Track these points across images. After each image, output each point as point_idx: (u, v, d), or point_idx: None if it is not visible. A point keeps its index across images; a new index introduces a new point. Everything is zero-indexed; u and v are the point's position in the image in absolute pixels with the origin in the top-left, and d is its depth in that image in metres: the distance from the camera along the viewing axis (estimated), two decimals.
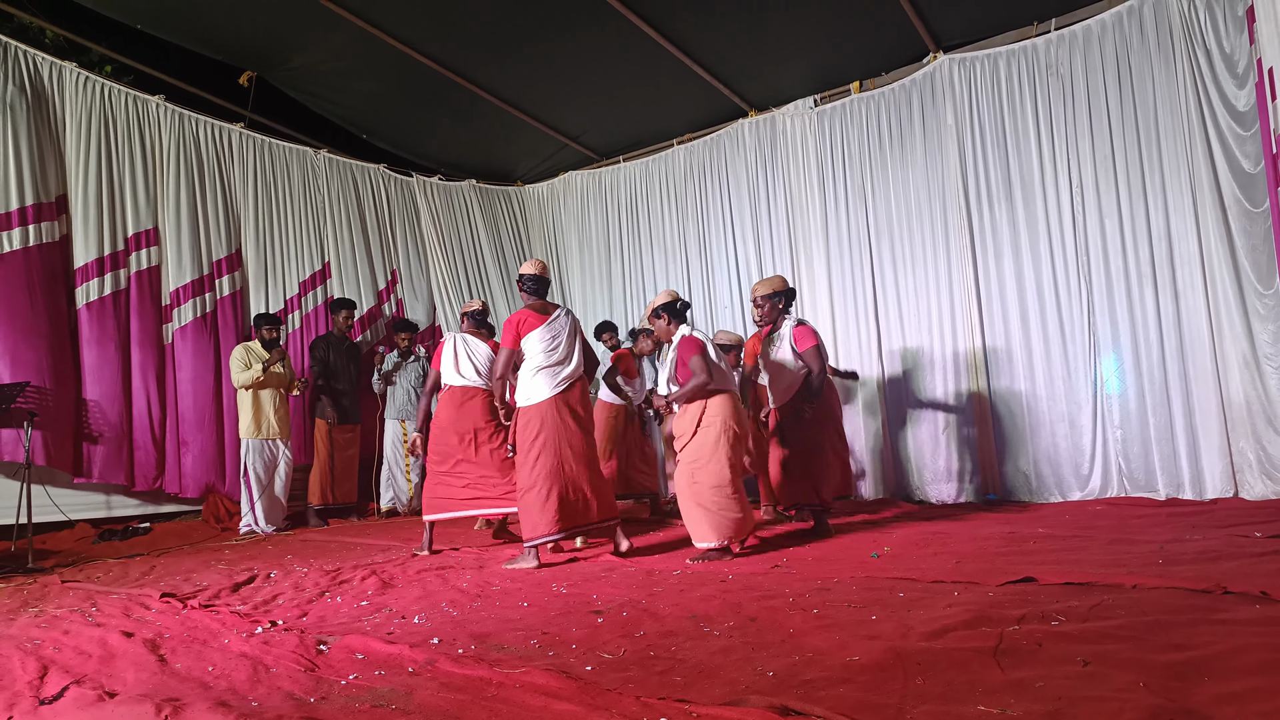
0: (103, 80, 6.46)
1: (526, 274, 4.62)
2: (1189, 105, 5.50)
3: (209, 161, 6.97)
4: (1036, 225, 6.08)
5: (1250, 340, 5.26)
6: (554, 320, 4.46)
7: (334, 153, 7.96)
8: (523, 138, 8.39)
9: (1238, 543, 3.74)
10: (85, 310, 6.10)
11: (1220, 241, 5.35)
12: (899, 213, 6.72)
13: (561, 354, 4.43)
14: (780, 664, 2.26)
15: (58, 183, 6.13)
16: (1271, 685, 1.82)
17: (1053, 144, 6.04)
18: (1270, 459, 5.16)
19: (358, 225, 7.98)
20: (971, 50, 6.42)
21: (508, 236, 9.08)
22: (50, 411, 5.72)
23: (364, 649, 2.63)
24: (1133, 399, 5.72)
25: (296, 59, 6.97)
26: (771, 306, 4.96)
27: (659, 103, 7.65)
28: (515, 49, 6.77)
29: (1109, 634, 2.33)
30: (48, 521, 5.72)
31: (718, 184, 7.87)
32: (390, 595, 3.66)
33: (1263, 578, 2.89)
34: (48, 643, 2.90)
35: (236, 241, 7.12)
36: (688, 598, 3.21)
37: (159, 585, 4.03)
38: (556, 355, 4.42)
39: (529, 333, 4.43)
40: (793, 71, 7.07)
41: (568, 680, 2.16)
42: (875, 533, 4.82)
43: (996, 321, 6.24)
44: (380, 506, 7.13)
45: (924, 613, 2.73)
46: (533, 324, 4.44)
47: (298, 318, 7.42)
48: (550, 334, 4.43)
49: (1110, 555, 3.64)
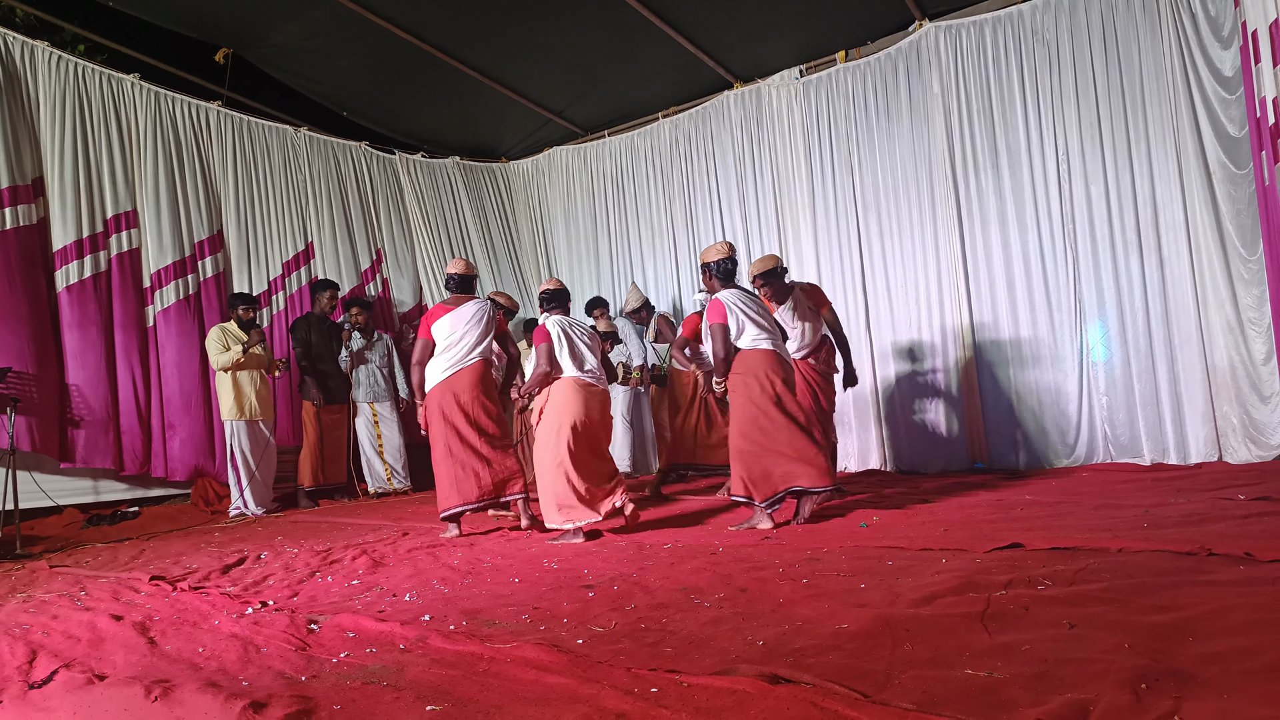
0: (76, 59, 6.34)
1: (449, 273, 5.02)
2: (1174, 69, 5.48)
3: (187, 141, 6.87)
4: (1023, 193, 6.07)
5: (1235, 305, 5.28)
6: (457, 312, 4.78)
7: (314, 131, 7.85)
8: (506, 114, 8.30)
9: (1222, 506, 3.78)
10: (66, 293, 6.03)
11: (1205, 206, 5.36)
12: (885, 183, 6.70)
13: (454, 341, 4.74)
14: (770, 633, 2.27)
15: (34, 165, 6.03)
16: (1255, 644, 1.84)
17: (1039, 111, 6.02)
18: (1254, 423, 5.21)
19: (340, 204, 7.89)
20: (957, 18, 6.37)
21: (493, 214, 9.01)
22: (33, 396, 5.66)
23: (355, 627, 2.63)
24: (1118, 366, 5.75)
25: (274, 36, 6.85)
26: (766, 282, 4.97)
27: (643, 76, 7.58)
28: (496, 23, 6.67)
29: (1094, 597, 2.35)
30: (35, 507, 5.68)
31: (703, 157, 7.82)
32: (381, 574, 3.66)
33: (1246, 539, 2.92)
34: (36, 627, 2.88)
35: (218, 222, 7.03)
36: (678, 570, 3.23)
37: (148, 568, 4.02)
38: (451, 341, 4.74)
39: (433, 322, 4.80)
40: (777, 42, 7.00)
41: (559, 654, 2.17)
42: (863, 504, 4.84)
43: (983, 290, 6.24)
44: (369, 488, 7.12)
45: (912, 580, 2.75)
46: (437, 315, 4.82)
47: (282, 299, 7.35)
48: (450, 325, 4.76)
49: (1096, 520, 3.67)
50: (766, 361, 4.30)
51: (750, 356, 4.32)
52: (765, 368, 4.29)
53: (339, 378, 6.98)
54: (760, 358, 4.31)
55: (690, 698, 1.82)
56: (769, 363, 4.30)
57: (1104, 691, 1.65)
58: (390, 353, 7.32)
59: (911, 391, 6.56)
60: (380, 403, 7.13)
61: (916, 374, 6.54)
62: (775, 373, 4.29)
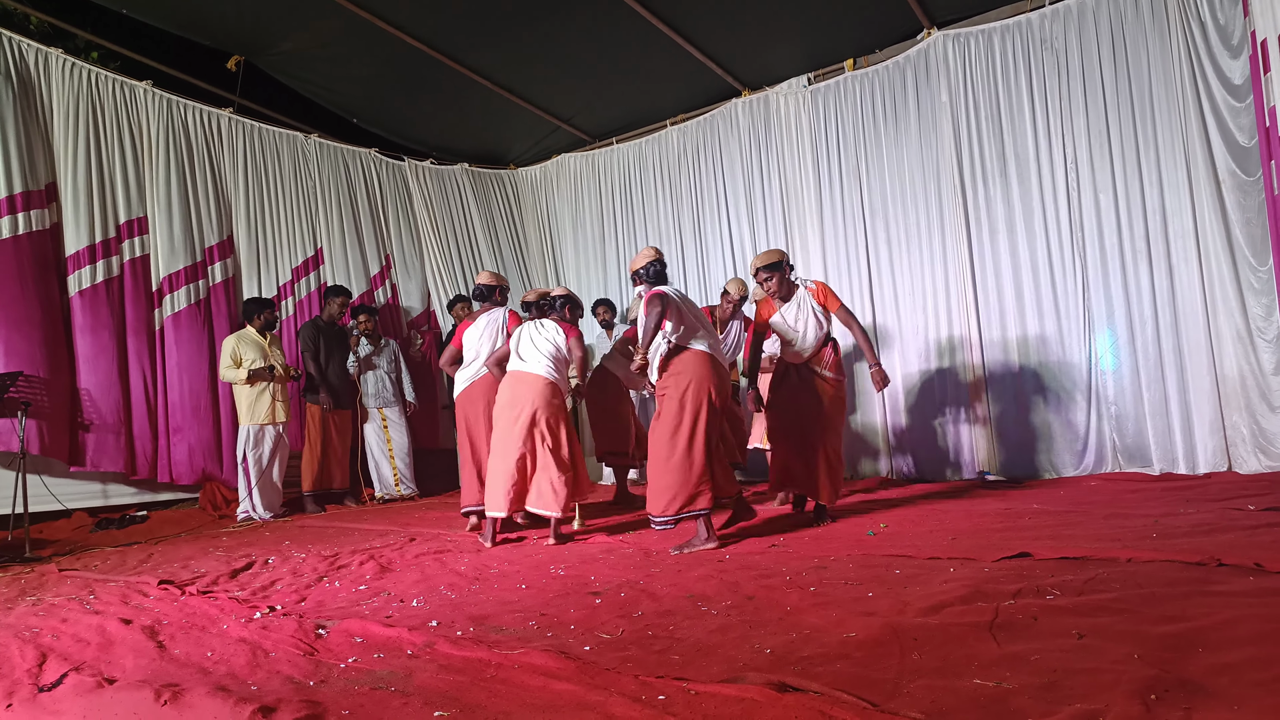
0: (89, 66, 6.39)
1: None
2: (1183, 78, 5.47)
3: (198, 147, 6.92)
4: (1031, 202, 6.06)
5: (1244, 315, 5.26)
6: (475, 324, 5.15)
7: (325, 137, 7.90)
8: (514, 120, 8.33)
9: (1231, 516, 3.76)
10: (78, 298, 6.07)
11: (1214, 216, 5.35)
12: (894, 191, 6.69)
13: (470, 354, 5.13)
14: (778, 641, 2.27)
15: (47, 170, 6.08)
16: (1265, 655, 1.84)
17: (1047, 120, 6.01)
18: (1264, 433, 5.18)
19: (349, 211, 7.94)
20: (966, 26, 6.37)
21: (501, 220, 9.04)
22: (45, 400, 5.70)
23: (363, 632, 2.64)
24: (1127, 375, 5.73)
25: (285, 43, 6.90)
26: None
27: (651, 83, 7.60)
28: (505, 31, 6.71)
29: (1104, 607, 2.34)
30: (45, 511, 5.71)
31: (711, 165, 7.83)
32: (388, 579, 3.66)
33: (1256, 550, 2.91)
34: (46, 631, 2.90)
35: (228, 228, 7.08)
36: (685, 578, 3.23)
37: (157, 572, 4.03)
38: (469, 355, 5.14)
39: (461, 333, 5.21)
40: (786, 50, 7.01)
41: (566, 660, 2.17)
42: (872, 511, 4.83)
43: (991, 299, 6.23)
44: (376, 493, 7.13)
45: (920, 589, 2.75)
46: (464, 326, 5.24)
47: (291, 304, 7.39)
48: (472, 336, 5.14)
49: (1105, 530, 3.65)
50: (704, 365, 4.09)
51: (689, 358, 4.12)
52: (703, 372, 4.08)
53: (345, 383, 7.00)
54: (699, 361, 4.10)
55: (698, 705, 1.82)
56: (707, 367, 4.09)
57: (1113, 702, 1.64)
58: (398, 358, 7.34)
59: (919, 399, 6.54)
60: (389, 408, 7.16)
61: (924, 381, 6.53)
62: (710, 379, 4.08)
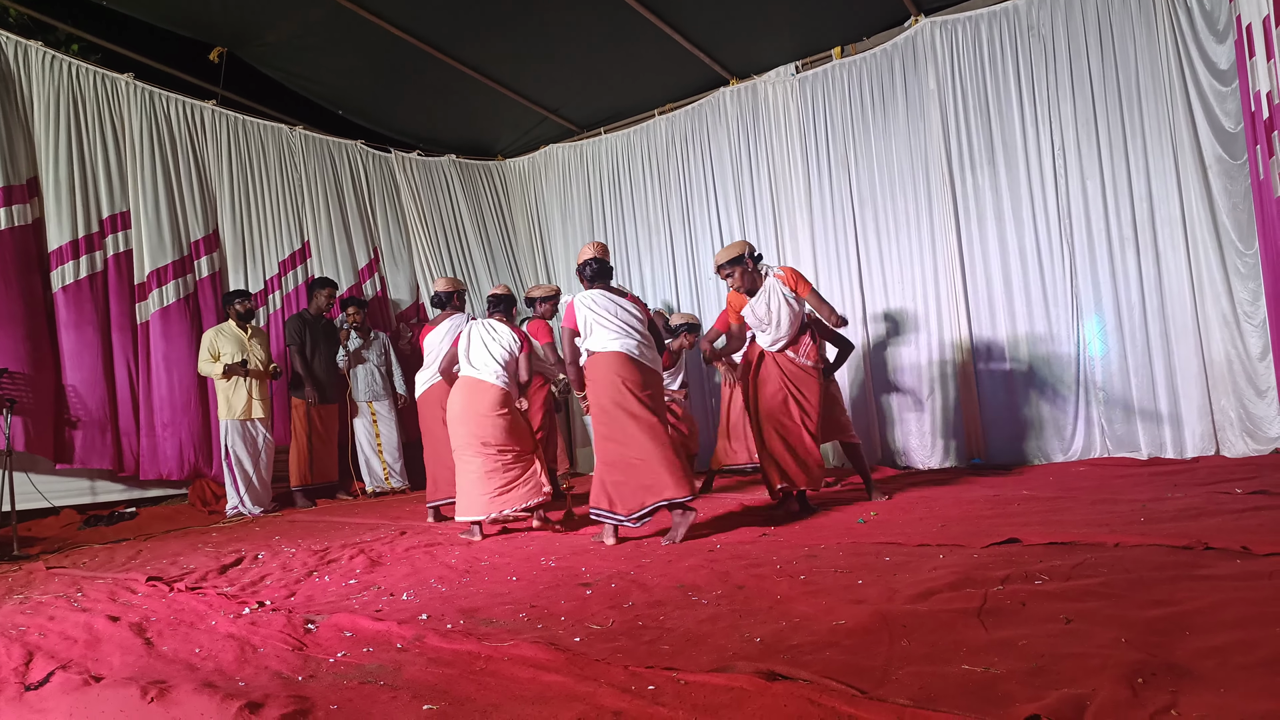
0: (70, 59, 6.32)
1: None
2: (1170, 64, 5.48)
3: (181, 140, 6.85)
4: (1019, 188, 6.07)
5: (1231, 299, 5.29)
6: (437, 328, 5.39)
7: (310, 130, 7.83)
8: (501, 111, 8.27)
9: (1219, 500, 3.79)
10: (62, 293, 6.01)
11: (1201, 201, 5.37)
12: (882, 179, 6.69)
13: (430, 357, 5.37)
14: (767, 630, 2.27)
15: (28, 165, 6.01)
16: (1252, 638, 1.85)
17: (1034, 106, 6.01)
18: (1251, 417, 5.22)
19: (336, 203, 7.87)
20: (952, 13, 6.36)
21: (489, 212, 8.99)
22: (29, 397, 5.65)
23: (352, 627, 2.63)
24: (1115, 360, 5.75)
25: (268, 34, 6.83)
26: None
27: (638, 73, 7.56)
28: (491, 20, 6.65)
29: (1091, 592, 2.35)
30: (32, 508, 5.68)
31: (699, 154, 7.81)
32: (378, 573, 3.65)
33: (1243, 533, 2.92)
34: (33, 629, 2.88)
35: (213, 222, 7.02)
36: (675, 568, 3.23)
37: (145, 569, 4.01)
38: (429, 358, 5.39)
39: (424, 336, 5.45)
40: (773, 39, 6.98)
41: (556, 652, 2.17)
42: (861, 500, 4.84)
43: (980, 286, 6.24)
44: (366, 487, 7.11)
45: (909, 576, 2.75)
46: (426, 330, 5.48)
47: (278, 298, 7.33)
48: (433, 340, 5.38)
49: (1093, 515, 3.67)
50: (613, 364, 4.03)
51: (598, 360, 4.08)
52: (611, 371, 4.02)
53: (332, 377, 6.97)
54: (607, 361, 4.04)
55: (687, 695, 1.82)
56: (616, 365, 4.02)
57: (1101, 686, 1.65)
58: (388, 351, 7.31)
59: (908, 386, 6.56)
60: (379, 401, 7.13)
61: (913, 369, 6.54)
62: (622, 375, 4.00)
